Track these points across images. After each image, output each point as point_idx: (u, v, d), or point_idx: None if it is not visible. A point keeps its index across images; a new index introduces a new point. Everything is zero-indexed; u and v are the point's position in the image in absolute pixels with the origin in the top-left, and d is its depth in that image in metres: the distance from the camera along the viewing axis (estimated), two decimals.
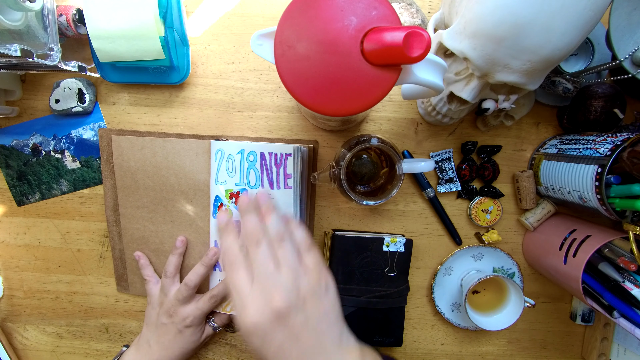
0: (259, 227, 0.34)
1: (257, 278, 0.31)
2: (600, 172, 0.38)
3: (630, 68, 0.40)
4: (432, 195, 0.51)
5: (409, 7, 0.48)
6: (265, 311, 0.30)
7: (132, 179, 0.51)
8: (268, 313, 0.30)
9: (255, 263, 0.32)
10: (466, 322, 0.54)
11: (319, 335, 0.31)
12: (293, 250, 0.34)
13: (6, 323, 0.56)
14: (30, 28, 0.41)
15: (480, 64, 0.35)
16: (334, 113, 0.30)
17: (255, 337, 0.30)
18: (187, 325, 0.48)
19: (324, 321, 0.32)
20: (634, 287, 0.40)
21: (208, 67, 0.51)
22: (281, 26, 0.29)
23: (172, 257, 0.50)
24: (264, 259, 0.32)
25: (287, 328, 0.30)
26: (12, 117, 0.52)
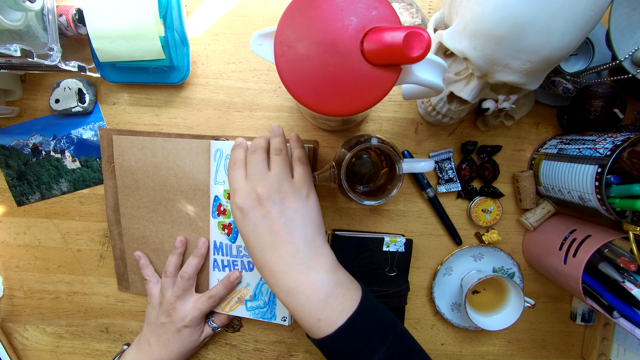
0: (262, 143, 0.41)
1: (249, 175, 0.39)
2: (600, 172, 0.38)
3: (630, 68, 0.40)
4: (432, 195, 0.51)
5: (409, 7, 0.48)
6: (250, 195, 0.38)
7: (133, 179, 0.51)
8: (251, 196, 0.38)
9: (250, 164, 0.40)
10: (466, 322, 0.54)
11: (290, 227, 0.37)
12: (286, 161, 0.40)
13: (6, 323, 0.57)
14: (30, 28, 0.41)
15: (480, 64, 0.35)
16: (334, 113, 0.30)
17: (239, 213, 0.38)
18: (186, 325, 0.48)
19: (297, 218, 0.38)
20: (634, 287, 0.40)
21: (208, 67, 0.51)
22: (281, 26, 0.29)
23: (172, 257, 0.51)
24: (257, 162, 0.39)
25: (264, 211, 0.37)
26: (12, 117, 0.52)
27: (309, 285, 0.35)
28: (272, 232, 0.37)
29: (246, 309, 0.50)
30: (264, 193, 0.37)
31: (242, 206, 0.38)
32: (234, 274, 0.50)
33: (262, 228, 0.37)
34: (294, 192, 0.39)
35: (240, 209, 0.38)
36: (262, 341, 0.55)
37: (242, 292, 0.51)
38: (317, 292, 0.35)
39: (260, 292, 0.50)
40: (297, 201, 0.38)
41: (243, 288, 0.50)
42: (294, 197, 0.38)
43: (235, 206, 0.38)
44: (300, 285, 0.36)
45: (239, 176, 0.40)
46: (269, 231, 0.37)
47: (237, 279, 0.50)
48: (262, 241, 0.37)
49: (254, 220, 0.37)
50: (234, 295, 0.51)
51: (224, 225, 0.49)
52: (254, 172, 0.39)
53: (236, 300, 0.51)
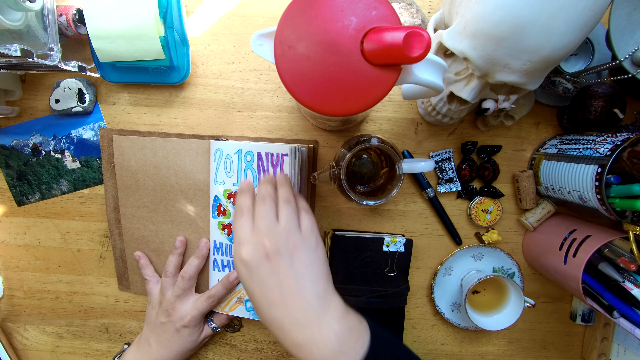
0: (270, 191, 0.39)
1: (256, 226, 0.37)
2: (600, 172, 0.38)
3: (630, 68, 0.40)
4: (432, 195, 0.51)
5: (409, 7, 0.48)
6: (257, 249, 0.35)
7: (133, 179, 0.51)
8: (259, 251, 0.35)
9: (258, 214, 0.37)
10: (466, 322, 0.54)
11: (299, 280, 0.35)
12: (294, 212, 0.38)
13: (6, 323, 0.57)
14: (30, 28, 0.41)
15: (480, 64, 0.35)
16: (334, 113, 0.30)
17: (245, 268, 0.35)
18: (185, 325, 0.48)
19: (307, 271, 0.36)
20: (634, 287, 0.40)
21: (208, 67, 0.51)
22: (281, 26, 0.29)
23: (172, 257, 0.51)
24: (265, 212, 0.37)
25: (273, 266, 0.35)
26: (12, 117, 0.52)
27: (322, 337, 0.34)
28: (281, 287, 0.35)
29: (246, 309, 0.50)
30: (272, 248, 0.35)
31: (248, 261, 0.35)
32: (233, 274, 0.50)
33: (269, 284, 0.35)
34: (303, 244, 0.37)
35: (246, 264, 0.35)
36: (262, 341, 0.55)
37: (241, 292, 0.51)
38: (330, 344, 0.33)
39: None
40: (306, 253, 0.37)
41: (242, 288, 0.50)
42: (304, 249, 0.36)
43: (240, 260, 0.36)
44: (312, 339, 0.34)
45: (245, 226, 0.37)
46: (277, 286, 0.35)
47: (236, 279, 0.50)
48: (269, 297, 0.35)
49: (261, 275, 0.35)
50: (234, 296, 0.51)
51: (224, 225, 0.49)
52: (263, 223, 0.37)
53: (236, 300, 0.51)
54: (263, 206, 0.38)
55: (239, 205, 0.39)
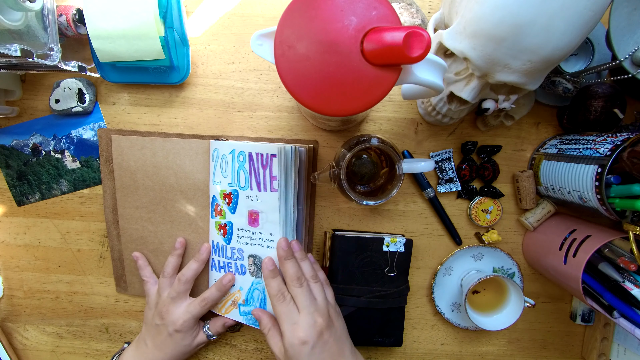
0: (299, 271, 0.44)
1: (302, 308, 0.42)
2: (600, 172, 0.38)
3: (630, 68, 0.40)
4: (432, 195, 0.51)
5: (409, 7, 0.48)
6: (313, 330, 0.41)
7: (132, 179, 0.51)
8: (314, 331, 0.41)
9: (300, 297, 0.43)
10: (466, 322, 0.54)
11: (340, 345, 0.42)
12: (322, 288, 0.45)
13: (6, 323, 0.57)
14: (30, 28, 0.41)
15: (480, 64, 0.35)
16: (334, 113, 0.30)
17: (306, 347, 0.40)
18: (177, 330, 0.47)
19: (342, 335, 0.44)
20: (634, 287, 0.40)
21: (208, 67, 0.51)
22: (281, 26, 0.29)
23: (171, 258, 0.51)
24: (306, 294, 0.43)
25: (325, 339, 0.41)
26: (12, 117, 0.52)
27: None
28: (331, 354, 0.41)
29: (239, 313, 0.50)
30: (323, 323, 0.41)
31: (307, 340, 0.40)
32: (227, 276, 0.49)
33: (325, 354, 0.41)
34: (335, 313, 0.44)
35: (306, 343, 0.40)
36: (262, 341, 0.55)
37: (235, 295, 0.50)
38: None
39: (252, 297, 0.49)
40: (338, 320, 0.44)
41: (236, 292, 0.50)
42: (336, 317, 0.44)
43: (300, 341, 0.40)
44: None
45: (293, 310, 0.42)
46: (329, 355, 0.41)
47: (230, 281, 0.49)
48: None
49: (318, 349, 0.40)
50: (229, 298, 0.50)
51: (220, 226, 0.49)
52: (307, 304, 0.42)
53: (230, 303, 0.50)
54: (300, 288, 0.43)
55: (277, 290, 0.43)
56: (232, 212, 0.48)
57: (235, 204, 0.48)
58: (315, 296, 0.43)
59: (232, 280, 0.49)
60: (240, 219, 0.48)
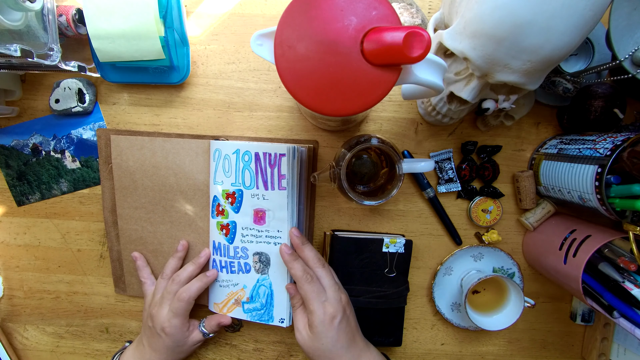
0: (317, 254, 0.47)
1: (328, 287, 0.45)
2: (600, 172, 0.38)
3: (630, 68, 0.40)
4: (432, 195, 0.51)
5: (409, 7, 0.48)
6: (339, 305, 0.44)
7: (131, 179, 0.51)
8: (340, 306, 0.44)
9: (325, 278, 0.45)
10: (466, 322, 0.54)
11: (353, 330, 0.45)
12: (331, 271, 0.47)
13: (6, 323, 0.57)
14: (30, 28, 0.41)
15: (480, 64, 0.35)
16: (334, 113, 0.30)
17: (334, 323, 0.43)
18: (166, 331, 0.47)
19: (353, 321, 0.46)
20: (634, 287, 0.40)
21: (208, 67, 0.51)
22: (281, 26, 0.29)
23: (172, 260, 0.51)
24: (330, 274, 0.46)
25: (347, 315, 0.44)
26: (12, 117, 0.52)
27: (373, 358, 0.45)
28: (350, 329, 0.44)
29: (243, 310, 0.50)
30: (345, 299, 0.45)
31: (336, 314, 0.43)
32: (211, 271, 0.50)
33: (348, 328, 0.44)
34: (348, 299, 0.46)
35: (335, 317, 0.43)
36: (262, 341, 0.55)
37: (238, 294, 0.50)
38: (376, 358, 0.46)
39: (257, 294, 0.49)
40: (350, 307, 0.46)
41: (240, 290, 0.50)
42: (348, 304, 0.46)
43: (329, 317, 0.43)
44: None
45: (321, 288, 0.44)
46: (350, 328, 0.44)
47: (213, 275, 0.50)
48: (349, 338, 0.44)
49: (344, 323, 0.43)
50: (232, 297, 0.50)
51: (222, 226, 0.49)
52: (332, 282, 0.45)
53: (233, 302, 0.50)
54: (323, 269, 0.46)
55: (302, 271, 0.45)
56: (236, 211, 0.48)
57: (240, 203, 0.48)
58: (333, 276, 0.46)
59: (216, 274, 0.50)
60: (244, 218, 0.48)
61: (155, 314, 0.47)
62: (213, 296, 0.52)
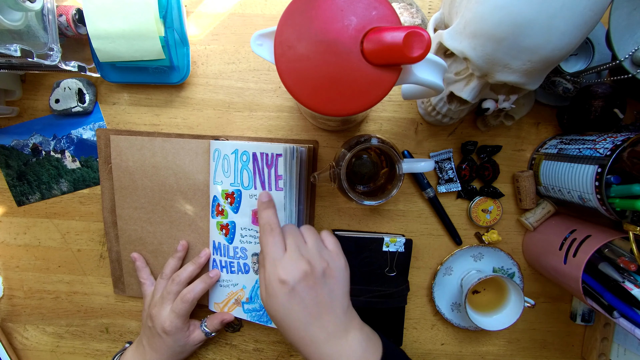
0: None
1: (289, 247, 0.38)
2: (600, 172, 0.38)
3: (630, 68, 0.40)
4: (432, 195, 0.51)
5: (409, 7, 0.48)
6: (296, 268, 0.36)
7: (130, 179, 0.51)
8: (298, 270, 0.36)
9: (289, 237, 0.39)
10: (466, 322, 0.54)
11: (331, 297, 0.38)
12: (317, 235, 0.41)
13: (6, 323, 0.57)
14: (30, 28, 0.41)
15: (480, 64, 0.35)
16: (334, 113, 0.30)
17: (282, 287, 0.36)
18: (166, 331, 0.47)
19: (337, 287, 0.39)
20: (634, 287, 0.40)
21: (208, 67, 0.51)
22: (281, 26, 0.29)
23: (172, 260, 0.51)
24: (296, 235, 0.40)
25: (311, 283, 0.37)
26: (12, 117, 0.52)
27: (349, 347, 0.37)
28: (317, 303, 0.37)
29: (243, 310, 0.50)
30: (308, 269, 0.37)
31: (287, 279, 0.36)
32: (213, 271, 0.50)
33: (308, 300, 0.36)
34: (333, 262, 0.39)
35: (285, 282, 0.36)
36: (262, 341, 0.55)
37: (238, 294, 0.50)
38: (356, 352, 0.37)
39: (257, 295, 0.50)
40: (336, 269, 0.39)
41: (239, 290, 0.50)
42: (334, 267, 0.39)
43: (279, 280, 0.36)
44: (341, 349, 0.36)
45: (278, 245, 0.39)
46: (314, 303, 0.37)
47: (216, 276, 0.50)
48: (307, 313, 0.36)
49: (301, 293, 0.36)
50: (232, 297, 0.51)
51: (222, 226, 0.49)
52: (294, 243, 0.39)
53: (233, 301, 0.51)
54: (291, 228, 0.40)
55: (265, 221, 0.40)
56: (235, 211, 0.48)
57: (238, 203, 0.48)
58: (307, 240, 0.40)
59: (218, 275, 0.50)
60: (243, 218, 0.48)
61: (156, 314, 0.47)
62: (213, 296, 0.52)
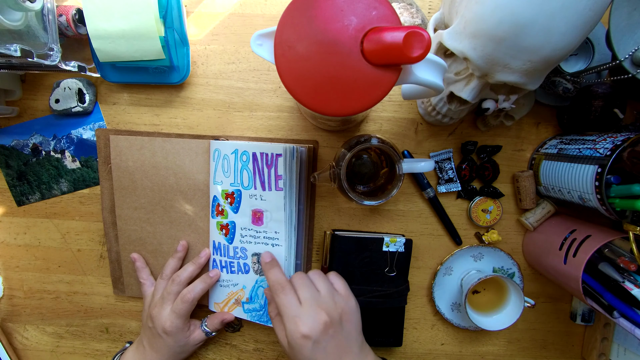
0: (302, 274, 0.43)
1: (304, 300, 0.39)
2: (600, 172, 0.38)
3: (630, 68, 0.40)
4: (432, 195, 0.51)
5: (409, 7, 0.48)
6: (316, 321, 0.38)
7: (130, 180, 0.51)
8: (318, 323, 0.38)
9: (301, 289, 0.40)
10: (466, 322, 0.54)
11: (349, 341, 0.40)
12: (326, 279, 0.43)
13: (6, 323, 0.57)
14: (30, 28, 0.41)
15: (480, 64, 0.35)
16: (334, 113, 0.30)
17: (308, 342, 0.37)
18: (167, 332, 0.47)
19: (353, 329, 0.40)
20: (634, 287, 0.40)
21: (208, 67, 0.51)
22: (281, 26, 0.29)
23: (172, 260, 0.51)
24: (308, 285, 0.41)
25: (332, 332, 0.38)
26: (12, 117, 0.52)
27: None
28: (338, 348, 0.38)
29: (243, 310, 0.50)
30: (328, 320, 0.38)
31: (309, 334, 0.37)
32: (214, 271, 0.50)
33: (330, 349, 0.38)
34: (346, 305, 0.41)
35: (308, 337, 0.37)
36: (262, 341, 0.55)
37: (238, 294, 0.50)
38: None
39: (256, 295, 0.50)
40: (350, 313, 0.41)
41: (239, 290, 0.50)
42: (348, 310, 0.40)
43: (302, 336, 0.37)
44: None
45: (293, 301, 0.40)
46: (335, 349, 0.38)
47: (216, 275, 0.50)
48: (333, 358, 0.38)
49: (323, 344, 0.38)
50: (232, 297, 0.51)
51: (222, 226, 0.49)
52: (308, 295, 0.40)
53: (234, 301, 0.51)
54: (301, 279, 0.41)
55: (276, 281, 0.42)
56: (235, 211, 0.48)
57: (238, 203, 0.48)
58: (319, 288, 0.41)
59: (218, 275, 0.50)
60: (243, 219, 0.48)
61: (156, 314, 0.47)
62: (213, 296, 0.52)
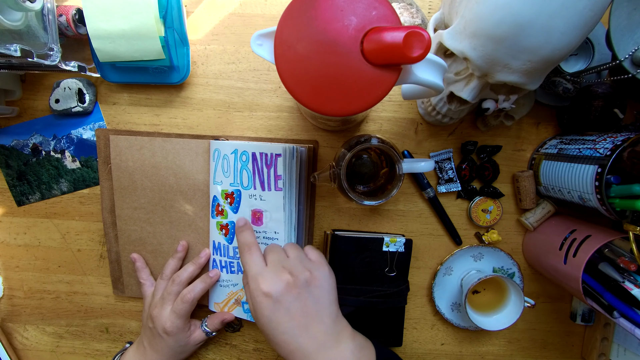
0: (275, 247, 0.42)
1: (270, 262, 0.39)
2: (600, 172, 0.38)
3: (630, 68, 0.40)
4: (432, 195, 0.51)
5: (409, 7, 0.48)
6: (278, 280, 0.37)
7: (130, 180, 0.51)
8: (280, 281, 0.37)
9: (269, 254, 0.40)
10: (466, 322, 0.54)
11: (318, 306, 0.38)
12: (299, 249, 0.42)
13: (6, 323, 0.57)
14: (30, 28, 0.41)
15: (480, 64, 0.35)
16: (334, 113, 0.30)
17: (269, 301, 0.36)
18: (167, 332, 0.47)
19: (323, 296, 0.39)
20: (634, 287, 0.40)
21: (208, 67, 0.51)
22: (281, 26, 0.29)
23: (172, 260, 0.51)
24: (278, 251, 0.41)
25: (295, 293, 0.37)
26: (12, 117, 0.52)
27: (341, 357, 0.37)
28: (304, 313, 0.37)
29: (243, 310, 0.50)
30: (291, 274, 0.38)
31: (270, 292, 0.36)
32: (213, 271, 0.50)
33: (294, 311, 0.37)
34: (317, 271, 0.40)
35: (269, 295, 0.36)
36: (262, 341, 0.55)
37: (238, 294, 0.50)
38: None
39: None
40: (320, 279, 0.39)
41: (239, 290, 0.50)
42: (318, 276, 0.39)
43: (262, 293, 0.37)
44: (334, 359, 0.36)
45: (257, 260, 0.39)
46: (301, 313, 0.37)
47: (216, 275, 0.50)
48: (295, 325, 0.36)
49: (285, 304, 0.36)
50: (232, 297, 0.51)
51: (222, 226, 0.49)
52: (275, 257, 0.39)
53: (234, 301, 0.51)
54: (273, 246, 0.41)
55: (243, 241, 0.42)
56: (235, 211, 0.48)
57: (238, 203, 0.48)
58: (289, 254, 0.40)
59: (218, 275, 0.50)
60: None
61: (156, 315, 0.47)
62: (213, 296, 0.52)
